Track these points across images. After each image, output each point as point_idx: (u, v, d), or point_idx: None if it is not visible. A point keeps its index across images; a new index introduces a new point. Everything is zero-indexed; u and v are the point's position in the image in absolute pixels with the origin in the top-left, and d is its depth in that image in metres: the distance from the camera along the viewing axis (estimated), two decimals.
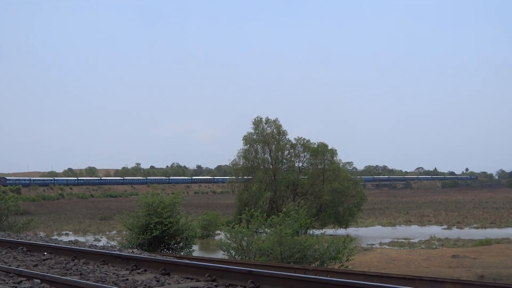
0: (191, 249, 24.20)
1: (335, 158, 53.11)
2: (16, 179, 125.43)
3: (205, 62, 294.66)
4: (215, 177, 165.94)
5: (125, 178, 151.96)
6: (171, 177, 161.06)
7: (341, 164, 54.27)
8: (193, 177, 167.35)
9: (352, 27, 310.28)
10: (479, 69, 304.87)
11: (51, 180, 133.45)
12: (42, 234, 45.06)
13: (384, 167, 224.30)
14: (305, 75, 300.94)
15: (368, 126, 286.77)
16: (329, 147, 53.04)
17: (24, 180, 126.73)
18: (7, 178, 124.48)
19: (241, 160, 53.16)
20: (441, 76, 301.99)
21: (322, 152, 52.27)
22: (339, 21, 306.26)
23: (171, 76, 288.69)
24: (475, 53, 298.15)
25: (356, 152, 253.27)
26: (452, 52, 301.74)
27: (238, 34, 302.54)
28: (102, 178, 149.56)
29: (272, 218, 23.06)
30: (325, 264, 20.29)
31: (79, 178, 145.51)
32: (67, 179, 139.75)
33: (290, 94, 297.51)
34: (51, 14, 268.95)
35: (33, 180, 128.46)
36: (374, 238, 46.13)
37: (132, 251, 13.83)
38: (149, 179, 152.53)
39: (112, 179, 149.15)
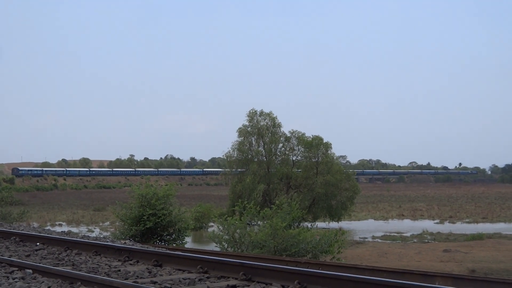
0: (183, 241, 24.19)
1: (329, 152, 53.17)
2: (28, 170, 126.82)
3: (199, 56, 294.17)
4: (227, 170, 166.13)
5: (137, 169, 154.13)
6: (182, 169, 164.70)
7: (334, 157, 54.39)
8: (204, 169, 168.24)
9: (346, 22, 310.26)
10: (473, 64, 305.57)
11: (63, 170, 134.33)
12: (35, 224, 45.05)
13: (378, 161, 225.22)
14: (300, 69, 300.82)
15: (362, 120, 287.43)
16: (324, 141, 53.08)
17: (37, 170, 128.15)
18: (20, 168, 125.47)
19: (235, 152, 53.16)
20: (435, 71, 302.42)
21: (316, 145, 52.24)
22: (333, 16, 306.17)
23: (166, 69, 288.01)
24: (469, 49, 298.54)
25: (350, 146, 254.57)
26: (446, 47, 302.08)
27: (233, 28, 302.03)
28: (114, 169, 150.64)
29: (265, 210, 23.10)
30: (318, 257, 20.35)
31: (91, 169, 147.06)
32: (79, 170, 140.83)
33: (285, 88, 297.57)
34: (43, 8, 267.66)
35: (45, 171, 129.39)
36: (367, 231, 46.29)
37: (125, 242, 13.82)
38: (161, 170, 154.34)
39: (123, 171, 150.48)
